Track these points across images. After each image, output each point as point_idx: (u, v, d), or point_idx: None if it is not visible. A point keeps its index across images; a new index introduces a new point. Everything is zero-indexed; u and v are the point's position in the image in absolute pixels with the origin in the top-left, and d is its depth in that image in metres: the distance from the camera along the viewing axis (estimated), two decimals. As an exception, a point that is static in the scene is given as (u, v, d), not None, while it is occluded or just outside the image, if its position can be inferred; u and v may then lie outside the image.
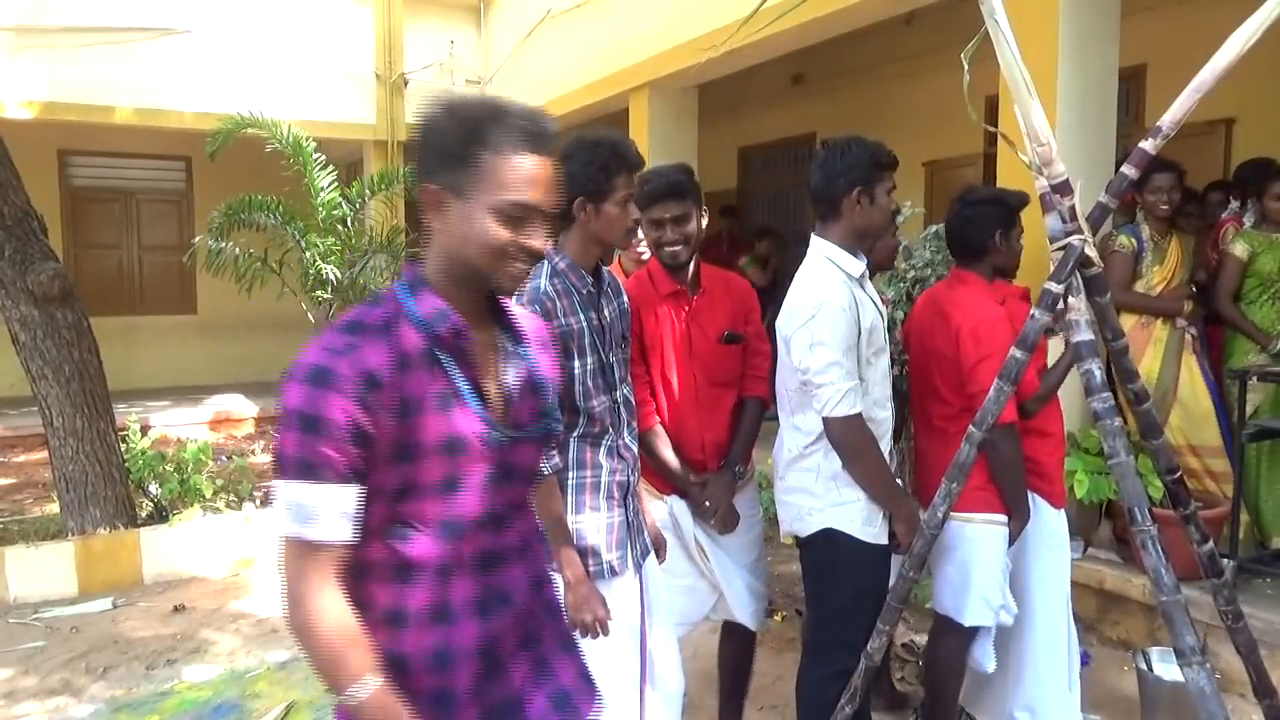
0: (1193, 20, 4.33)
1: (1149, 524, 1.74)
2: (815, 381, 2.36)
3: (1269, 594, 3.67)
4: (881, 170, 2.45)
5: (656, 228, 2.66)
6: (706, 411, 2.75)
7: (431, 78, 9.99)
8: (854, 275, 2.45)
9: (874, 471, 2.43)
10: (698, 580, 2.80)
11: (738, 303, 2.83)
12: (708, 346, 2.75)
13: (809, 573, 2.64)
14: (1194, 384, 4.03)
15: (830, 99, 8.89)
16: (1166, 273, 4.04)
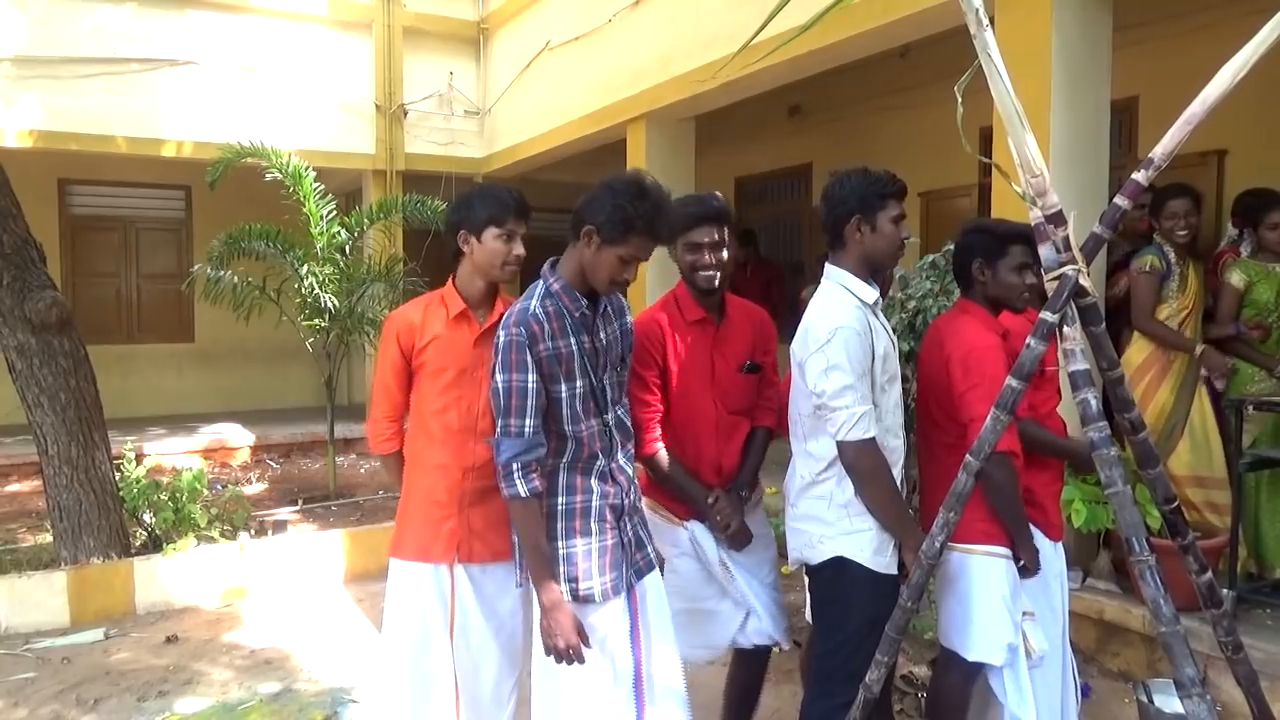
0: (1183, 53, 4.39)
1: (1147, 554, 1.74)
2: (830, 405, 2.37)
3: (1269, 625, 3.65)
4: (882, 199, 2.47)
5: (694, 251, 2.69)
6: (725, 438, 2.78)
7: (431, 108, 10.09)
8: (867, 302, 2.48)
9: (886, 497, 2.43)
10: (721, 603, 2.80)
11: (758, 333, 2.87)
12: (729, 375, 2.78)
13: (818, 602, 2.62)
14: (1205, 415, 4.03)
15: (826, 130, 8.97)
16: (1188, 299, 4.06)
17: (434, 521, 2.53)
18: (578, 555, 2.30)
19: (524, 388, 2.22)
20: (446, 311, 2.56)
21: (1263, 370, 4.08)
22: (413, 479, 2.62)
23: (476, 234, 2.50)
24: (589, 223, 2.22)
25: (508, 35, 9.89)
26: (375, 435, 2.66)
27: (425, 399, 2.56)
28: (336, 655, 4.31)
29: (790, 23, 2.13)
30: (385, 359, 2.58)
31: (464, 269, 2.57)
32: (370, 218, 7.32)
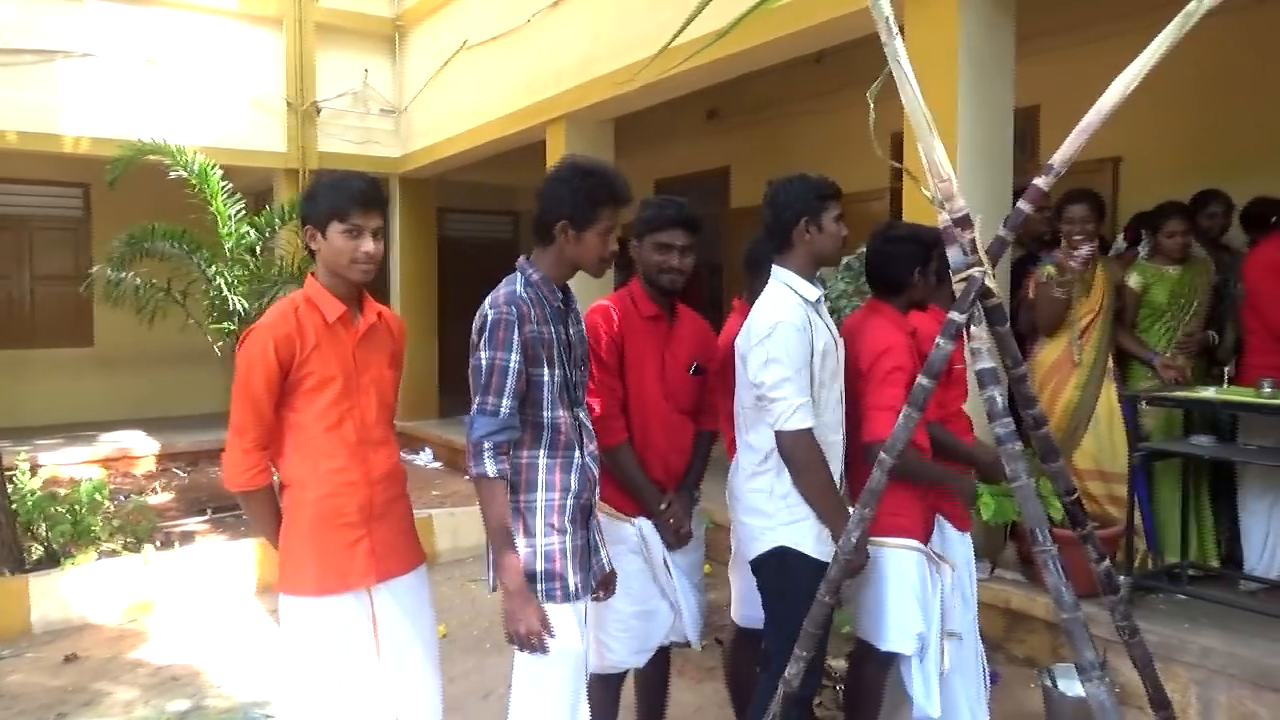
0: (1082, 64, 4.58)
1: (1050, 544, 1.81)
2: (769, 396, 2.46)
3: (1162, 609, 3.84)
4: (824, 200, 2.60)
5: (664, 252, 2.75)
6: (675, 436, 2.84)
7: (345, 106, 9.88)
8: (810, 300, 2.58)
9: (822, 488, 2.50)
10: (660, 602, 2.82)
11: (702, 338, 2.96)
12: (678, 373, 2.84)
13: (767, 597, 2.65)
14: (1112, 412, 4.19)
15: (744, 134, 9.09)
16: (1094, 303, 4.21)
17: (346, 545, 2.29)
18: (556, 552, 2.27)
19: (506, 366, 2.18)
20: (322, 315, 2.30)
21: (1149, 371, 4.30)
22: (305, 507, 2.30)
23: (320, 229, 2.26)
24: (558, 219, 2.28)
25: (424, 33, 9.74)
26: (243, 468, 2.26)
27: (311, 416, 2.28)
28: (249, 669, 4.18)
29: (709, 27, 2.15)
30: (256, 378, 2.22)
31: (321, 268, 2.33)
32: (282, 218, 7.13)
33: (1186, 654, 3.47)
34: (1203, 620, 3.68)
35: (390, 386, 2.49)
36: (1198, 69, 5.30)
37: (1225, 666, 3.37)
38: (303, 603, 2.30)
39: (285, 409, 2.30)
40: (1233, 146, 5.64)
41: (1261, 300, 4.00)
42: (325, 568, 2.28)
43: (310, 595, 2.29)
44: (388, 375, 2.47)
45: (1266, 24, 5.42)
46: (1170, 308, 4.32)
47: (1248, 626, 3.59)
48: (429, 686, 2.48)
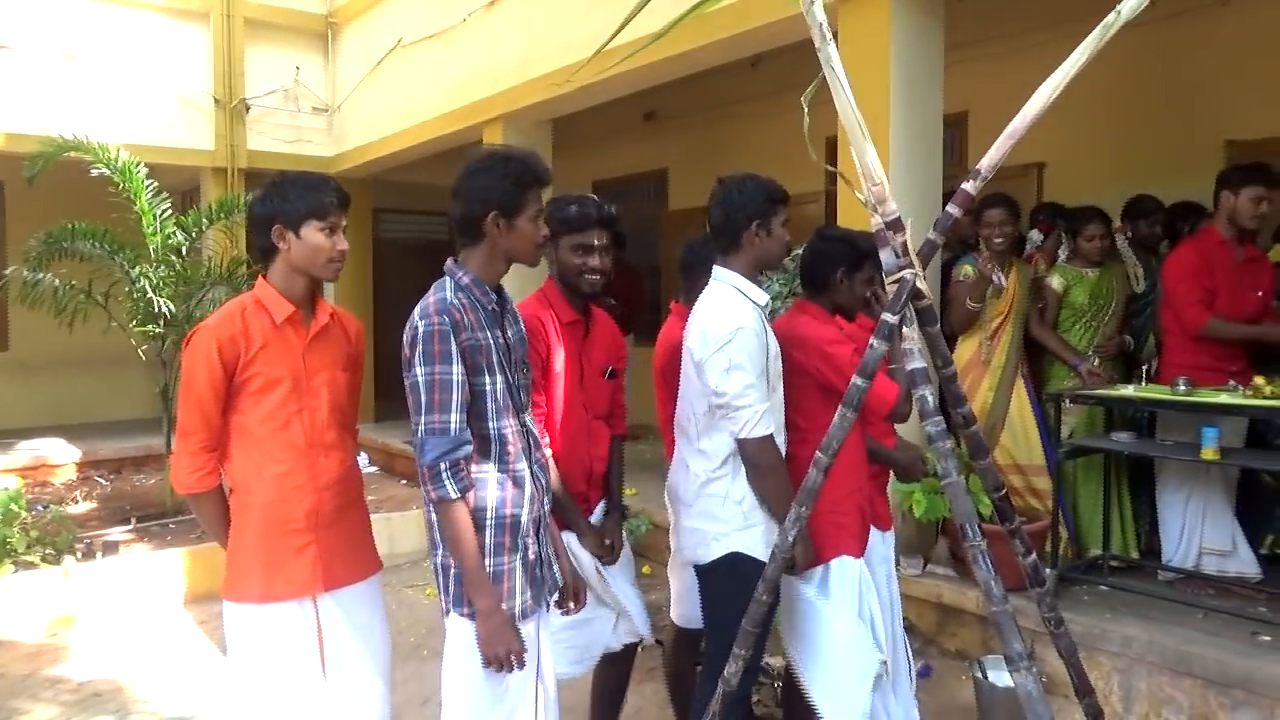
0: (1009, 72, 4.71)
1: (979, 540, 1.86)
2: (735, 404, 2.44)
3: (1086, 600, 3.97)
4: (775, 204, 2.59)
5: (584, 253, 2.69)
6: (594, 443, 2.81)
7: (276, 103, 9.65)
8: (759, 303, 2.57)
9: (784, 491, 2.48)
10: (598, 610, 2.80)
11: (614, 341, 2.93)
12: (594, 378, 2.80)
13: (711, 601, 2.64)
14: (1023, 409, 4.36)
15: (681, 136, 9.14)
16: (1004, 305, 4.35)
17: (291, 551, 2.25)
18: (505, 572, 2.19)
19: (448, 380, 2.07)
20: (270, 317, 2.28)
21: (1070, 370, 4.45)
22: (252, 511, 2.27)
23: (294, 228, 2.26)
24: (487, 212, 2.16)
25: (358, 30, 9.58)
26: (191, 470, 2.25)
27: (257, 418, 2.26)
28: (177, 683, 4.06)
29: (646, 29, 2.16)
30: (200, 379, 2.20)
31: (279, 268, 2.30)
32: (209, 217, 6.95)
33: (1109, 643, 3.59)
34: (1124, 610, 3.82)
35: (344, 389, 2.43)
36: (1117, 78, 5.50)
37: (1145, 654, 3.50)
38: (247, 609, 2.26)
39: (231, 411, 2.27)
40: (1149, 153, 5.86)
41: (1176, 301, 4.16)
42: (270, 574, 2.25)
43: (254, 602, 2.25)
44: (341, 378, 2.41)
45: (1180, 35, 5.65)
46: (1090, 309, 4.49)
47: (1166, 615, 3.74)
48: (374, 700, 2.42)
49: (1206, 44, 5.71)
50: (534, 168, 2.23)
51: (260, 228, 2.30)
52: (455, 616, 2.19)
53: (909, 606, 3.90)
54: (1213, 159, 5.74)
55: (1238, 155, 5.62)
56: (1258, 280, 4.14)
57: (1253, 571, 4.07)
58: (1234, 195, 4.02)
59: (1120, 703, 3.56)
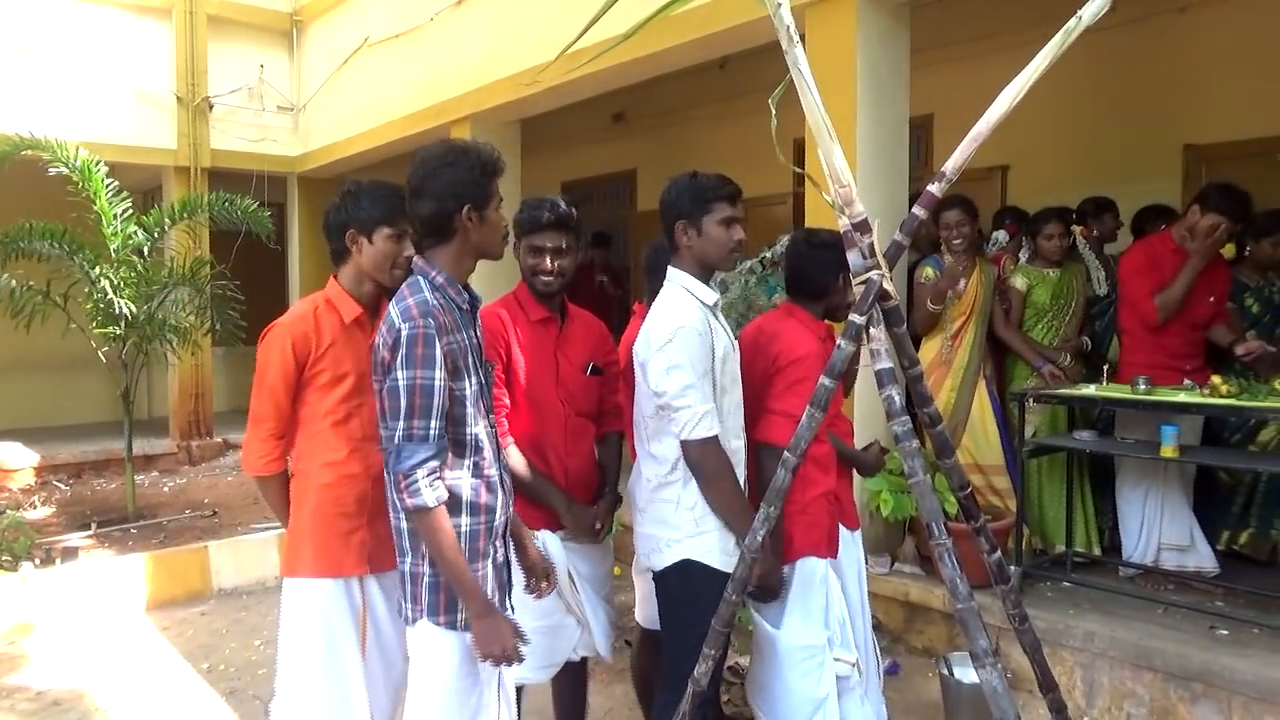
0: (973, 75, 4.77)
1: (945, 538, 1.88)
2: (673, 405, 2.40)
3: (1049, 596, 4.03)
4: (705, 203, 2.50)
5: (536, 255, 2.70)
6: (573, 439, 2.79)
7: (240, 102, 9.53)
8: (707, 303, 2.52)
9: (730, 497, 2.46)
10: (565, 617, 2.77)
11: (598, 339, 2.92)
12: (573, 375, 2.79)
13: (667, 606, 2.61)
14: (984, 409, 4.42)
15: (650, 137, 9.16)
16: (965, 305, 4.40)
17: (343, 534, 2.42)
18: (479, 578, 2.17)
19: (430, 385, 2.05)
20: (340, 316, 2.45)
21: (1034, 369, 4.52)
22: (309, 495, 2.44)
23: (367, 234, 2.41)
24: (460, 206, 2.12)
25: (323, 29, 9.49)
26: (260, 455, 2.45)
27: (322, 410, 2.43)
28: (139, 690, 3.99)
29: (613, 30, 2.16)
30: (274, 371, 2.40)
31: (350, 271, 2.47)
32: (172, 217, 6.83)
33: (1072, 638, 3.65)
34: (1086, 606, 3.88)
35: None
36: (1079, 83, 5.60)
37: (1107, 649, 3.56)
38: (299, 584, 2.44)
39: (299, 403, 2.45)
40: (1110, 156, 5.97)
41: (1132, 296, 4.24)
42: (321, 553, 2.41)
43: (300, 577, 2.43)
44: None
45: (1139, 41, 5.76)
46: (1051, 308, 4.57)
47: (1127, 610, 3.80)
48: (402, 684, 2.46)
49: (1165, 50, 5.83)
50: (493, 157, 2.22)
51: (335, 232, 2.46)
52: (426, 625, 2.16)
53: (876, 605, 3.93)
54: (1171, 163, 5.86)
55: (1195, 159, 5.76)
56: (1211, 286, 4.21)
57: (1210, 566, 4.15)
58: (1200, 214, 4.06)
59: (1083, 697, 3.61)
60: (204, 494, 7.62)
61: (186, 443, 9.24)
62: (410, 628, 2.21)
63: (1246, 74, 5.53)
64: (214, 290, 6.83)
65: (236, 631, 4.67)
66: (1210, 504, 4.38)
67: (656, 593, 2.65)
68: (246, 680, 4.07)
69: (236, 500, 7.26)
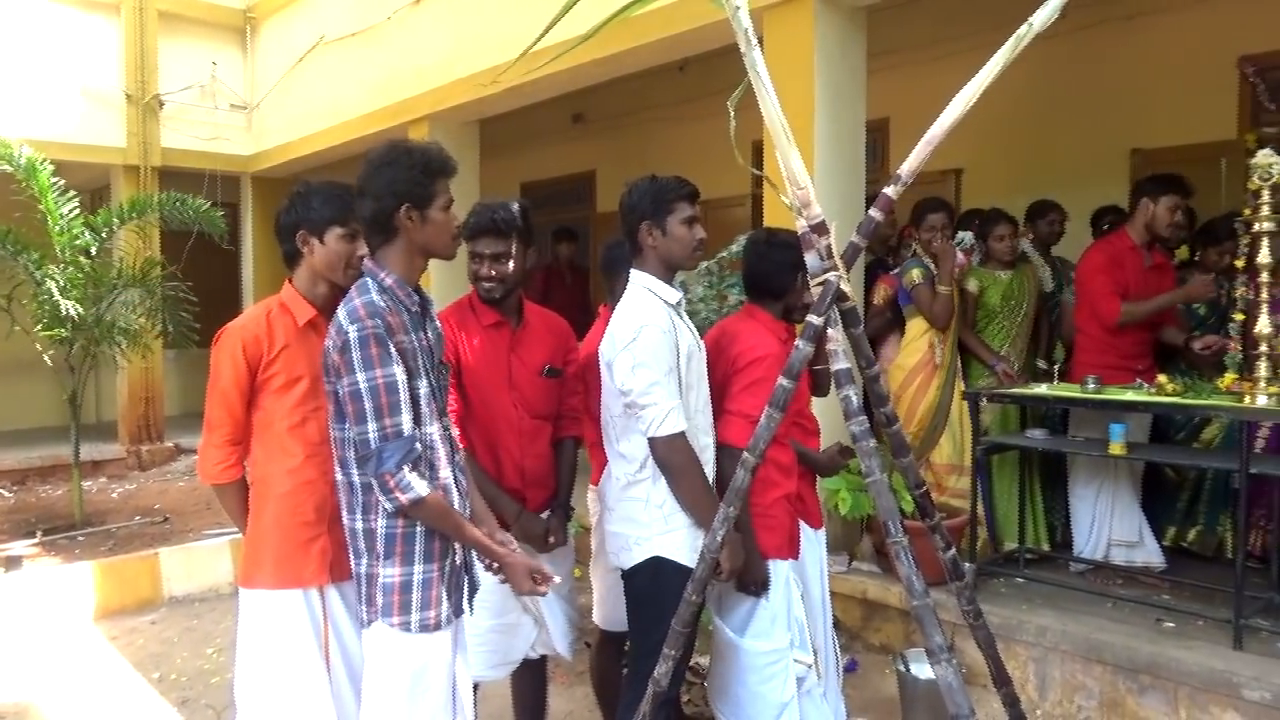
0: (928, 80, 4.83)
1: (902, 536, 1.90)
2: (639, 403, 2.42)
3: (1003, 592, 4.10)
4: (669, 203, 2.54)
5: (475, 261, 2.70)
6: (527, 441, 2.78)
7: (192, 100, 9.36)
8: (670, 302, 2.55)
9: (698, 493, 2.47)
10: (521, 617, 2.77)
11: (558, 340, 2.90)
12: (528, 378, 2.78)
13: (634, 604, 2.62)
14: (962, 411, 4.45)
15: (609, 138, 9.16)
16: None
17: (303, 543, 2.34)
18: (434, 579, 2.16)
19: (392, 382, 2.04)
20: (294, 319, 2.39)
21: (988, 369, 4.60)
22: (268, 503, 2.38)
23: (318, 235, 2.37)
24: (399, 205, 2.11)
25: (278, 26, 9.35)
26: (214, 462, 2.40)
27: (277, 415, 2.37)
28: (88, 702, 3.90)
29: (572, 31, 2.16)
30: (226, 376, 2.35)
31: (304, 273, 2.43)
32: (121, 217, 6.69)
33: (1025, 633, 3.72)
34: (1039, 601, 3.95)
35: None
36: (1030, 88, 5.70)
37: (1059, 643, 3.63)
38: (259, 595, 2.37)
39: (254, 408, 2.40)
40: (1060, 159, 6.09)
41: (1092, 295, 4.33)
42: (281, 563, 2.35)
43: (258, 588, 2.36)
44: None
45: (1088, 48, 5.89)
46: (1003, 309, 4.64)
47: (1078, 605, 3.88)
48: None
49: (1113, 57, 5.97)
50: (439, 157, 2.20)
51: (286, 234, 2.42)
52: (382, 627, 2.15)
53: (835, 603, 3.96)
54: (1119, 166, 6.00)
55: (1141, 163, 5.89)
56: (1161, 286, 4.34)
57: (1157, 561, 4.26)
58: (1153, 203, 4.20)
59: (1036, 691, 3.68)
60: (155, 500, 7.46)
61: (136, 447, 9.05)
62: (365, 630, 2.20)
63: (1190, 80, 5.69)
64: (165, 291, 6.70)
65: (188, 640, 4.58)
66: (1157, 501, 4.49)
67: (625, 591, 2.66)
68: (199, 689, 3.99)
69: (188, 506, 7.12)
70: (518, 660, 2.85)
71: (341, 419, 2.13)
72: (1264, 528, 4.21)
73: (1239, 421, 3.52)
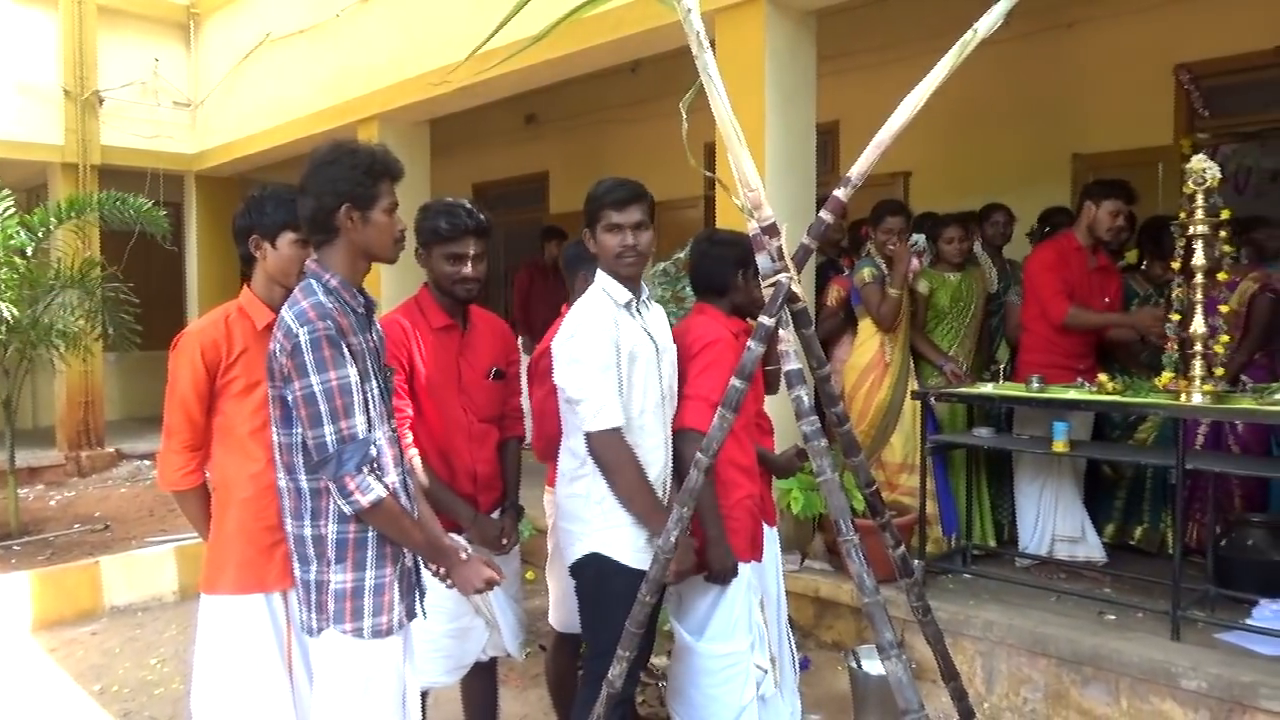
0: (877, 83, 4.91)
1: (853, 534, 1.93)
2: (575, 398, 2.44)
3: (951, 588, 4.17)
4: (593, 212, 2.56)
5: (457, 262, 2.67)
6: (477, 445, 2.77)
7: (133, 97, 9.13)
8: (620, 302, 2.55)
9: (633, 489, 2.46)
10: (473, 620, 2.76)
11: (502, 342, 2.90)
12: (476, 381, 2.77)
13: (583, 602, 2.63)
14: (915, 409, 4.49)
15: (562, 139, 9.14)
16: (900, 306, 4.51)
17: (266, 547, 2.30)
18: (386, 584, 2.14)
19: (346, 384, 2.02)
20: (252, 323, 2.36)
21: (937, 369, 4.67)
22: (231, 508, 2.34)
23: (270, 239, 2.37)
24: (339, 204, 2.08)
25: (222, 22, 9.17)
26: (175, 469, 2.38)
27: (238, 419, 2.33)
28: (25, 716, 3.78)
29: (525, 31, 2.15)
30: (185, 381, 2.32)
31: (260, 277, 2.41)
32: (58, 216, 6.49)
33: (972, 628, 3.78)
34: (985, 596, 4.03)
35: None
36: (976, 93, 5.80)
37: (1005, 637, 3.70)
38: (220, 601, 2.34)
39: (214, 412, 2.37)
40: (1004, 163, 6.22)
41: (1040, 293, 4.42)
42: (245, 568, 2.32)
43: (220, 594, 2.33)
44: None
45: (1031, 54, 6.02)
46: (952, 310, 4.72)
47: (1023, 599, 3.97)
48: None
49: (1055, 63, 6.11)
50: (384, 159, 2.18)
51: (240, 238, 2.42)
52: (333, 634, 2.12)
53: (789, 601, 4.00)
54: (1061, 170, 6.15)
55: (1082, 167, 6.05)
56: (1105, 288, 4.46)
57: (1099, 556, 4.37)
58: (1095, 206, 4.32)
59: (983, 684, 3.75)
60: (95, 507, 7.25)
61: (75, 453, 8.79)
62: (314, 639, 2.16)
63: (1128, 87, 5.85)
64: (105, 293, 6.52)
65: (130, 650, 4.47)
66: (1094, 498, 4.61)
67: (575, 589, 2.67)
68: (142, 700, 3.90)
69: (130, 513, 6.94)
70: (470, 664, 2.83)
71: (289, 424, 2.09)
72: (1200, 521, 4.34)
73: (1174, 419, 3.62)
